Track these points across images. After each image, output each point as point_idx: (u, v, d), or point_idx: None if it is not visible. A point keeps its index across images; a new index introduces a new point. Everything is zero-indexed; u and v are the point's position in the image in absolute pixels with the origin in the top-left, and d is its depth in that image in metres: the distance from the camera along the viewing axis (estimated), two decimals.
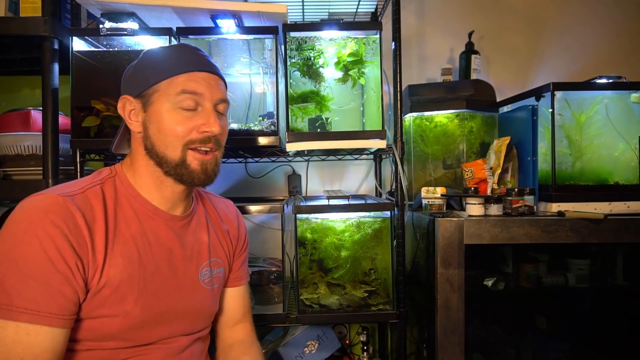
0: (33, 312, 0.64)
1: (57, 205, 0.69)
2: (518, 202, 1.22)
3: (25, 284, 0.64)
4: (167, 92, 0.78)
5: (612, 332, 1.41)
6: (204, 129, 0.79)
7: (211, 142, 0.80)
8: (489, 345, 1.44)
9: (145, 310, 0.77)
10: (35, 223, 0.66)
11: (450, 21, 1.83)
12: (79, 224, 0.70)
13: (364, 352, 1.55)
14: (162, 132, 0.78)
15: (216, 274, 0.93)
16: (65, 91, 1.25)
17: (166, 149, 0.78)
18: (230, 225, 1.01)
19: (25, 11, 1.25)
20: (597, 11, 1.86)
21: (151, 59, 0.82)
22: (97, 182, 0.79)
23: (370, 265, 1.36)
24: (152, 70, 0.80)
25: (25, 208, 0.69)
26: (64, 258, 0.67)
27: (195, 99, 0.79)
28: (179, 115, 0.78)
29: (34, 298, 0.64)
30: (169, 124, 0.77)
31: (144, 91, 0.79)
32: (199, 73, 0.80)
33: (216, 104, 0.82)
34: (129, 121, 0.82)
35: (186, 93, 0.78)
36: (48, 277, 0.65)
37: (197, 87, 0.79)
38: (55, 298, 0.66)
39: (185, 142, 0.78)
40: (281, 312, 1.29)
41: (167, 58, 0.81)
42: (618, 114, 1.33)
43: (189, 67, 0.80)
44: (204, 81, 0.80)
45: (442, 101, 1.51)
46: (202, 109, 0.80)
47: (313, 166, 1.79)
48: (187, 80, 0.78)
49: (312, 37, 1.33)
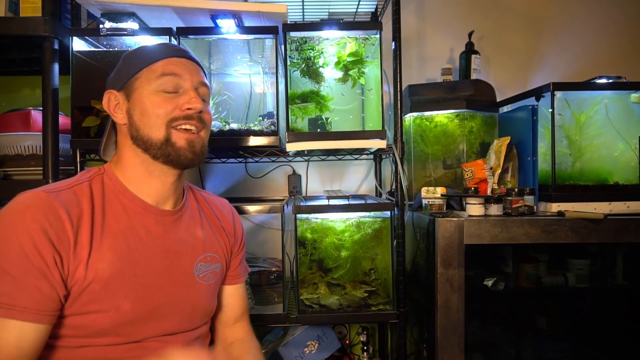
0: (8, 306, 0.65)
1: (39, 200, 0.70)
2: (518, 202, 1.22)
3: (1, 278, 0.65)
4: (148, 78, 0.80)
5: (612, 332, 1.41)
6: (186, 106, 0.80)
7: (194, 119, 0.81)
8: (489, 345, 1.44)
9: (137, 305, 0.77)
10: (15, 219, 0.68)
11: (450, 21, 1.83)
12: (62, 218, 0.70)
13: (364, 352, 1.55)
14: (145, 114, 0.79)
15: (212, 269, 0.92)
16: (65, 91, 1.25)
17: (150, 130, 0.79)
18: (226, 222, 1.01)
19: (25, 11, 1.25)
20: (597, 11, 1.87)
21: (131, 55, 0.85)
22: (85, 179, 0.80)
23: (370, 265, 1.36)
24: (132, 63, 0.83)
25: (10, 205, 0.70)
26: (40, 253, 0.67)
27: (175, 81, 0.81)
28: (160, 97, 0.80)
29: (8, 292, 0.65)
30: (151, 105, 0.79)
31: (126, 82, 0.82)
32: (176, 58, 0.83)
33: (197, 86, 0.83)
34: (114, 115, 0.84)
35: (166, 75, 0.80)
36: (24, 271, 0.66)
37: (176, 69, 0.81)
38: (31, 292, 0.66)
39: (167, 120, 0.79)
40: (281, 312, 1.29)
41: (146, 50, 0.84)
42: (618, 114, 1.33)
43: (166, 54, 0.83)
44: (183, 65, 0.82)
45: (442, 101, 1.51)
46: (183, 90, 0.82)
47: (313, 166, 1.79)
48: (166, 64, 0.81)
49: (312, 37, 1.33)
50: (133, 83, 0.81)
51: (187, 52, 0.86)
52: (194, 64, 0.85)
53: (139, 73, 0.81)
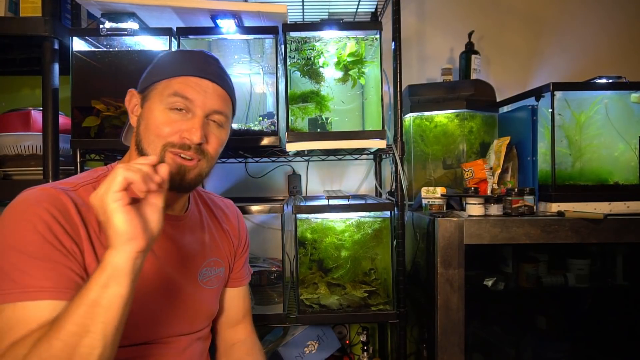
0: (50, 289, 0.63)
1: (50, 196, 0.69)
2: (518, 202, 1.22)
3: (32, 264, 0.63)
4: (162, 92, 0.78)
5: (612, 332, 1.41)
6: (185, 135, 0.77)
7: (191, 150, 0.77)
8: (489, 345, 1.44)
9: (141, 308, 0.76)
10: (29, 211, 0.66)
11: (450, 21, 1.83)
12: (72, 213, 0.69)
13: (364, 352, 1.55)
14: (148, 129, 0.78)
15: (216, 273, 0.93)
16: (65, 91, 1.25)
17: (148, 146, 0.78)
18: (231, 225, 1.01)
19: (25, 11, 1.25)
20: (597, 11, 1.86)
21: (164, 59, 0.83)
22: (92, 180, 0.78)
23: (370, 265, 1.36)
24: (157, 69, 0.81)
25: (19, 200, 0.69)
26: (60, 240, 0.66)
27: (186, 104, 0.77)
28: (166, 116, 0.77)
29: (46, 275, 0.63)
30: (155, 122, 0.77)
31: (146, 88, 0.80)
32: (198, 79, 0.79)
33: (209, 113, 0.80)
34: (130, 115, 0.83)
35: (177, 96, 0.77)
36: (50, 255, 0.65)
37: (190, 93, 0.77)
38: (60, 271, 0.65)
39: (164, 142, 0.77)
40: (281, 312, 1.29)
41: (175, 60, 0.81)
42: (618, 114, 1.33)
43: (188, 72, 0.79)
44: (200, 88, 0.79)
45: (442, 101, 1.51)
46: (191, 116, 0.78)
47: (313, 166, 1.79)
48: (182, 84, 0.78)
49: (312, 37, 1.33)
50: (150, 91, 0.80)
51: (214, 73, 0.82)
52: (216, 87, 0.81)
53: (157, 83, 0.79)
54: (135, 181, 0.59)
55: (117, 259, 0.59)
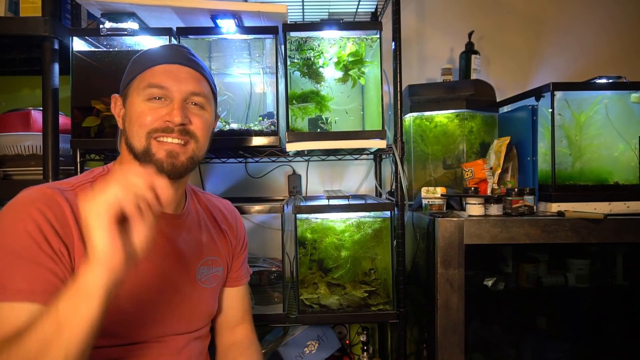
0: (27, 292, 0.63)
1: (45, 196, 0.70)
2: (518, 202, 1.22)
3: (15, 265, 0.64)
4: (138, 86, 0.80)
5: (612, 332, 1.41)
6: (166, 118, 0.79)
7: (175, 132, 0.79)
8: (489, 345, 1.44)
9: (139, 306, 0.77)
10: (22, 210, 0.68)
11: (450, 21, 1.83)
12: (66, 214, 0.70)
13: (364, 352, 1.55)
14: (131, 123, 0.80)
15: (214, 272, 0.93)
16: (65, 91, 1.25)
17: (133, 138, 0.79)
18: (228, 225, 1.01)
19: (25, 11, 1.25)
20: (597, 11, 1.86)
21: (133, 60, 0.85)
22: (88, 179, 0.80)
23: (370, 265, 1.36)
24: (131, 69, 0.83)
25: (15, 199, 0.70)
26: (49, 241, 0.67)
27: (163, 92, 0.79)
28: (145, 106, 0.79)
29: (26, 277, 0.64)
30: (136, 114, 0.79)
31: (124, 88, 0.83)
32: (168, 65, 0.81)
33: (187, 97, 0.81)
34: (117, 119, 0.85)
35: (152, 87, 0.79)
36: (36, 257, 0.65)
37: (163, 81, 0.79)
38: (46, 276, 0.66)
39: (148, 130, 0.78)
40: (281, 312, 1.29)
41: (143, 56, 0.84)
42: (618, 114, 1.33)
43: (159, 60, 0.81)
44: (172, 73, 0.80)
45: (442, 101, 1.51)
46: (169, 101, 0.80)
47: (313, 166, 1.79)
48: (155, 74, 0.80)
49: (312, 37, 1.33)
50: (128, 90, 0.82)
51: (184, 56, 0.84)
52: (189, 70, 0.83)
53: (133, 80, 0.81)
54: (127, 202, 0.56)
55: (91, 278, 0.56)
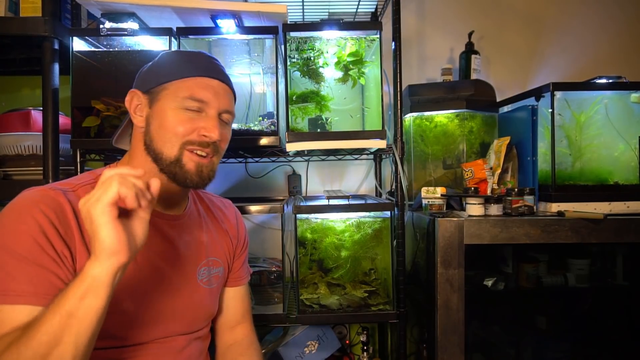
0: (30, 294, 0.63)
1: (47, 197, 0.70)
2: (518, 202, 1.22)
3: (18, 267, 0.64)
4: (175, 93, 0.79)
5: (612, 332, 1.41)
6: (204, 132, 0.79)
7: (209, 147, 0.80)
8: (489, 345, 1.44)
9: (140, 308, 0.77)
10: (24, 212, 0.67)
11: (450, 21, 1.83)
12: (68, 216, 0.70)
13: (364, 352, 1.55)
14: (163, 128, 0.79)
15: (215, 273, 0.93)
16: (65, 91, 1.25)
17: (164, 145, 0.79)
18: (229, 224, 1.01)
19: (25, 11, 1.25)
20: (597, 11, 1.86)
21: (167, 59, 0.84)
22: (91, 180, 0.79)
23: (370, 265, 1.36)
24: (164, 70, 0.82)
25: (17, 200, 0.70)
26: (52, 244, 0.67)
27: (200, 105, 0.80)
28: (183, 115, 0.79)
29: (30, 280, 0.64)
30: (171, 121, 0.78)
31: (153, 88, 0.81)
32: (209, 79, 0.82)
33: (221, 112, 0.82)
34: (133, 115, 0.83)
35: (192, 99, 0.79)
36: (39, 259, 0.65)
37: (204, 95, 0.80)
38: (49, 279, 0.66)
39: (183, 141, 0.79)
40: (281, 312, 1.29)
41: (182, 60, 0.83)
42: (618, 114, 1.33)
43: (200, 72, 0.81)
44: (212, 89, 0.81)
45: (442, 101, 1.51)
46: (205, 115, 0.80)
47: (313, 166, 1.79)
48: (196, 86, 0.80)
49: (312, 37, 1.33)
50: (159, 92, 0.80)
51: (221, 72, 0.85)
52: (224, 87, 0.84)
53: (167, 84, 0.80)
54: (129, 197, 0.59)
55: (98, 271, 0.58)
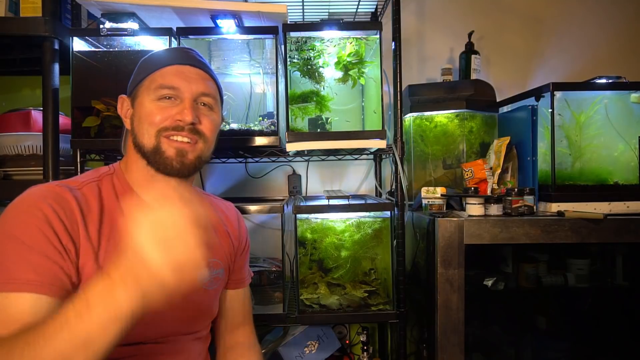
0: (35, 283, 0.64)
1: (54, 192, 0.72)
2: (518, 202, 1.22)
3: (24, 256, 0.65)
4: (149, 87, 0.82)
5: (612, 331, 1.41)
6: (177, 117, 0.80)
7: (185, 130, 0.81)
8: (489, 345, 1.44)
9: None
10: (33, 205, 0.69)
11: (450, 21, 1.83)
12: (75, 212, 0.72)
13: (364, 352, 1.55)
14: (140, 122, 0.82)
15: (215, 275, 0.93)
16: (65, 91, 1.25)
17: (142, 136, 0.81)
18: (231, 226, 1.01)
19: (25, 11, 1.25)
20: (596, 11, 1.87)
21: (145, 60, 0.87)
22: (95, 178, 0.81)
23: (370, 265, 1.36)
24: (140, 70, 0.85)
25: (24, 195, 0.72)
26: (58, 237, 0.68)
27: (174, 93, 0.81)
28: (156, 105, 0.81)
29: (34, 269, 0.65)
30: (146, 113, 0.81)
31: (133, 89, 0.84)
32: (180, 66, 0.83)
33: (197, 97, 0.83)
34: (125, 120, 0.86)
35: (164, 87, 0.81)
36: (46, 251, 0.66)
37: (175, 81, 0.81)
38: (53, 269, 0.66)
39: (158, 129, 0.80)
40: (281, 312, 1.29)
41: (153, 57, 0.86)
42: (618, 114, 1.33)
43: (171, 61, 0.83)
44: (183, 74, 0.83)
45: (442, 101, 1.51)
46: (180, 101, 0.82)
47: (313, 166, 1.79)
48: (167, 74, 0.82)
49: (312, 37, 1.33)
50: (137, 90, 0.83)
51: (193, 58, 0.86)
52: (199, 71, 0.85)
53: (143, 80, 0.83)
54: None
55: (124, 300, 0.54)
